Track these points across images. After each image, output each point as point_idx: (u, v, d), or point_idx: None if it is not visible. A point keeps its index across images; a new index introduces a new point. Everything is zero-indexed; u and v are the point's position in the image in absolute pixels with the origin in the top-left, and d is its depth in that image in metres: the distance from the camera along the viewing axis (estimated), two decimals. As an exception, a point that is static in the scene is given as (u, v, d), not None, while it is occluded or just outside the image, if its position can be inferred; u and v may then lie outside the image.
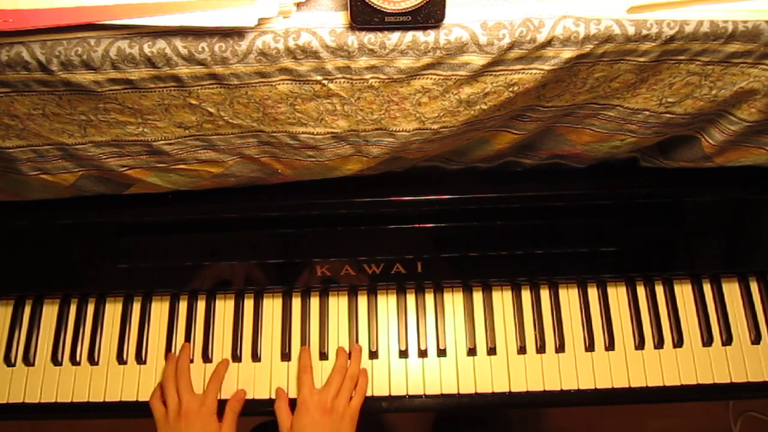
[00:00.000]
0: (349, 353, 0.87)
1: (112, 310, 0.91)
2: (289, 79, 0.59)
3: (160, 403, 0.83)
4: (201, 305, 0.90)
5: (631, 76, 0.62)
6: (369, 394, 0.86)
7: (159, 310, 0.91)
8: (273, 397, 0.86)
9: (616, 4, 0.56)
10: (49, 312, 0.91)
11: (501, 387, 0.86)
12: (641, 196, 0.85)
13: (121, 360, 0.88)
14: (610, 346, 0.87)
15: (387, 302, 0.90)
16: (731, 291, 0.90)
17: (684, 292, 0.90)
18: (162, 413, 0.81)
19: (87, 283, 0.90)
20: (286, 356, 0.88)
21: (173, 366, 0.85)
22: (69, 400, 0.86)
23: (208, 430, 0.80)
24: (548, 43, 0.56)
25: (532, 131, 0.72)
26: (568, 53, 0.56)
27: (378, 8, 0.53)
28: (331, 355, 0.88)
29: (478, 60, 0.57)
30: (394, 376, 0.87)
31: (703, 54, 0.59)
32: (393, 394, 0.86)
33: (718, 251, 0.89)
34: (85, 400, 0.86)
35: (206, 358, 0.88)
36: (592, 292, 0.90)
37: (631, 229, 0.87)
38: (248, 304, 0.90)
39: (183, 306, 0.91)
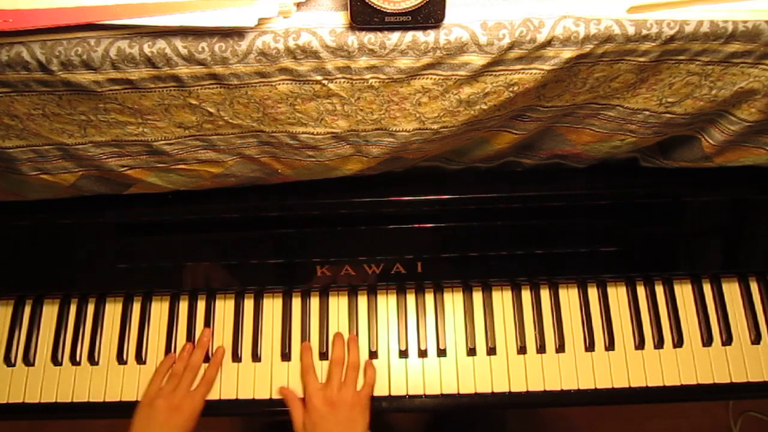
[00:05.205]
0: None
1: (112, 310, 0.91)
2: (289, 79, 0.59)
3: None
4: (201, 305, 0.90)
5: (631, 76, 0.62)
6: (369, 394, 0.86)
7: (159, 310, 0.91)
8: (274, 397, 0.86)
9: (616, 4, 0.56)
10: (49, 312, 0.91)
11: (501, 387, 0.86)
12: (641, 196, 0.85)
13: (121, 360, 0.88)
14: (610, 346, 0.87)
15: (387, 302, 0.90)
16: (731, 291, 0.90)
17: (684, 292, 0.90)
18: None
19: (87, 283, 0.90)
20: (286, 356, 0.87)
21: None
22: (69, 400, 0.86)
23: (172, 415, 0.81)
24: (548, 43, 0.56)
25: (532, 131, 0.72)
26: (568, 53, 0.56)
27: (378, 8, 0.53)
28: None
29: (478, 60, 0.57)
30: (394, 376, 0.87)
31: (703, 54, 0.59)
32: (393, 394, 0.86)
33: (718, 251, 0.89)
34: (85, 400, 0.86)
35: (206, 357, 0.88)
36: (592, 292, 0.90)
37: (631, 229, 0.87)
38: (248, 304, 0.90)
39: (183, 306, 0.91)
